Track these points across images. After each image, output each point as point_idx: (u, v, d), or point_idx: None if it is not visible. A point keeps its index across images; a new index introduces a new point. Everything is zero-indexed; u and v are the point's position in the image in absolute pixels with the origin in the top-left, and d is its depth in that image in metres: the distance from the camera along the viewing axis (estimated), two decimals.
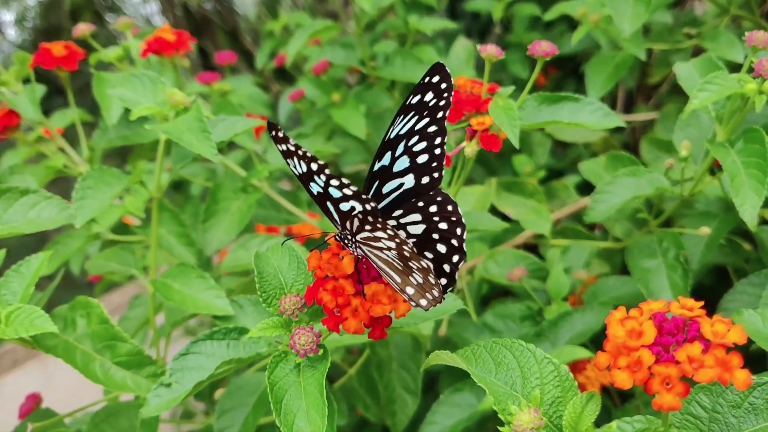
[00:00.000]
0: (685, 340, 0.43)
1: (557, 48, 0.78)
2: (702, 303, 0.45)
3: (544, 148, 1.55)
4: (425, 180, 0.59)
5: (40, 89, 1.08)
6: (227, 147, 1.36)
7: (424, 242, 0.58)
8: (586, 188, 1.31)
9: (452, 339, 1.04)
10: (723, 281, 1.25)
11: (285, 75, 2.29)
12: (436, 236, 0.57)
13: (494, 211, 1.19)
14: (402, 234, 0.59)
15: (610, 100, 1.73)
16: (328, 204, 0.56)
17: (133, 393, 0.71)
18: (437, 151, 0.60)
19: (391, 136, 0.60)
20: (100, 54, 1.10)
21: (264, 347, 0.64)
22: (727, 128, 0.81)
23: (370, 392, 1.04)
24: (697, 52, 1.33)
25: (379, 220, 0.54)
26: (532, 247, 1.29)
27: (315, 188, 0.55)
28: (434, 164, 0.59)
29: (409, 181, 0.60)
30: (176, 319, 0.89)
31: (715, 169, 0.92)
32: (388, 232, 0.53)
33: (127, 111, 0.91)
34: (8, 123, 1.01)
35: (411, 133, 0.60)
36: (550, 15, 1.40)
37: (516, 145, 0.76)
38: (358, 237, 0.55)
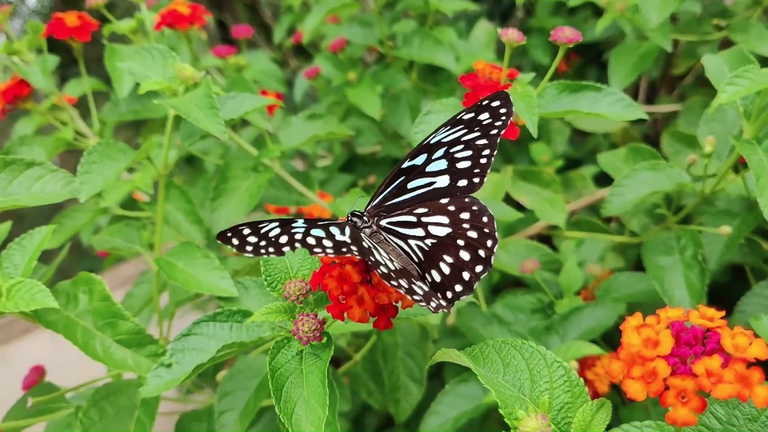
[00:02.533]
0: (703, 353, 0.40)
1: (580, 34, 0.76)
2: (723, 313, 0.42)
3: (563, 136, 1.52)
4: (462, 183, 0.59)
5: (53, 59, 1.06)
6: (240, 124, 1.34)
7: (445, 246, 0.57)
8: (603, 179, 1.29)
9: (460, 329, 1.03)
10: (739, 279, 1.22)
11: (304, 50, 2.27)
12: (461, 242, 0.56)
13: (509, 199, 1.17)
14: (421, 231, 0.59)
15: (632, 89, 1.69)
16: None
17: (134, 372, 0.70)
18: (483, 160, 0.60)
19: (432, 142, 0.60)
20: (114, 25, 1.08)
21: (267, 331, 0.63)
22: (755, 125, 0.78)
23: (374, 378, 1.03)
24: (725, 44, 1.30)
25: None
26: (546, 237, 1.27)
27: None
28: (477, 170, 0.59)
29: (443, 181, 0.60)
30: (180, 298, 0.87)
31: (739, 166, 0.90)
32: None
33: (137, 85, 0.89)
34: (19, 93, 1.00)
35: (456, 142, 0.60)
36: (575, 1, 1.36)
37: (534, 134, 0.74)
38: (384, 221, 0.55)
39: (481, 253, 0.55)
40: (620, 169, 1.04)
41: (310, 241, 0.52)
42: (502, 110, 0.60)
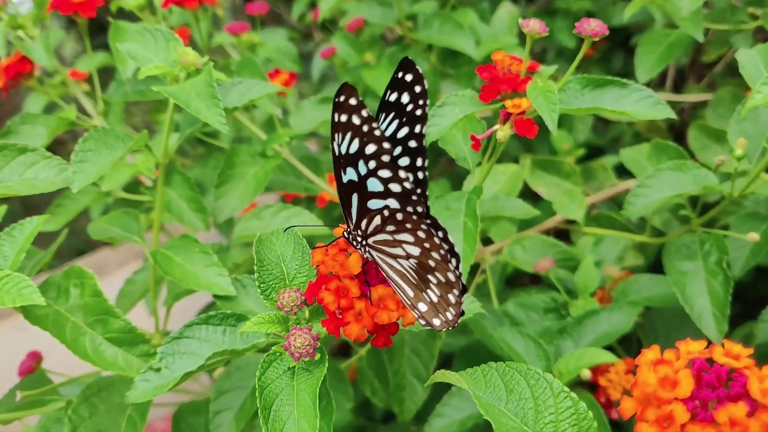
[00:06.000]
0: (727, 397, 0.37)
1: (606, 27, 0.71)
2: (750, 351, 0.38)
3: (585, 124, 1.48)
4: (409, 209, 0.50)
5: (57, 35, 1.03)
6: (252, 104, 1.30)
7: (425, 266, 0.50)
8: (625, 170, 1.24)
9: (469, 326, 0.99)
10: (763, 279, 1.17)
11: (332, 23, 2.22)
12: (432, 264, 0.50)
13: (527, 189, 1.12)
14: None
15: (659, 76, 1.63)
16: (354, 196, 0.49)
17: (124, 372, 0.67)
18: (420, 174, 0.52)
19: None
20: (121, 1, 1.05)
21: (262, 338, 0.60)
22: None
23: (378, 376, 1.00)
24: (758, 31, 1.24)
25: (413, 219, 0.47)
26: (564, 231, 1.22)
27: (350, 175, 0.48)
28: (419, 190, 0.51)
29: (393, 204, 0.51)
30: (179, 291, 0.85)
31: None
32: (419, 234, 0.47)
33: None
34: (21, 69, 0.97)
35: (394, 140, 0.52)
36: None
37: (554, 131, 0.69)
38: (370, 240, 0.49)
39: (451, 276, 0.50)
40: (643, 166, 1.00)
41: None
42: (417, 88, 0.50)
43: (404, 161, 0.52)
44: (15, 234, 0.68)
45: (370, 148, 0.46)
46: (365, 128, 0.45)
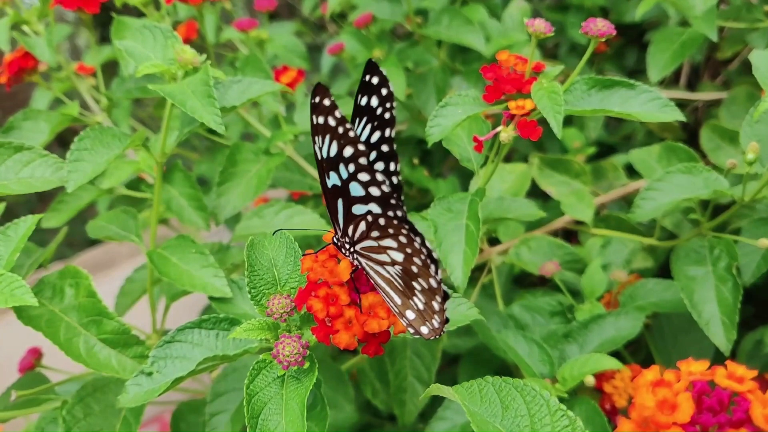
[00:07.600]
0: (728, 423, 0.35)
1: (613, 27, 0.69)
2: (754, 373, 0.37)
3: (597, 122, 1.46)
4: (390, 214, 0.49)
5: (62, 30, 1.02)
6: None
7: (409, 272, 0.49)
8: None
9: (473, 328, 0.98)
10: None
11: (344, 15, 2.20)
12: (415, 270, 0.48)
13: (536, 188, 1.11)
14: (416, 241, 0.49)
15: (673, 73, 1.60)
16: (339, 201, 0.48)
17: (117, 374, 0.66)
18: (394, 179, 0.51)
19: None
20: None
21: (255, 343, 0.58)
22: None
23: (380, 377, 0.99)
24: None
25: (394, 224, 0.46)
26: (572, 231, 1.20)
27: (333, 179, 0.47)
28: (394, 194, 0.49)
29: (375, 209, 0.50)
30: (176, 291, 0.84)
31: None
32: (400, 239, 0.46)
33: None
34: (24, 65, 0.96)
35: (369, 145, 0.51)
36: None
37: (558, 134, 0.67)
38: (358, 246, 0.48)
39: (432, 281, 0.48)
40: (653, 168, 0.97)
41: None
42: (384, 91, 0.49)
43: (380, 166, 0.51)
44: (10, 233, 0.67)
45: (348, 151, 0.45)
46: (340, 130, 0.45)
